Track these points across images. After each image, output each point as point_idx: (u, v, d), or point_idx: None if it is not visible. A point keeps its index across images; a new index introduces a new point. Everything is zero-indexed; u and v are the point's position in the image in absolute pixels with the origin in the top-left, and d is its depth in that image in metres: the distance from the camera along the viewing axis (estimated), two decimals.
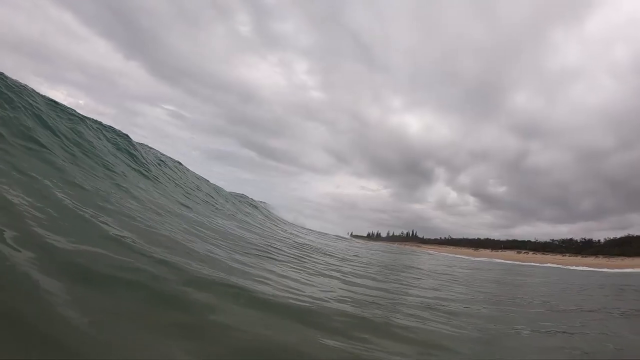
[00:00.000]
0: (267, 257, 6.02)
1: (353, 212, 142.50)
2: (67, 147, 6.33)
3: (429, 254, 31.87)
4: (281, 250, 7.79)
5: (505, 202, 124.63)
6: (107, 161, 7.28)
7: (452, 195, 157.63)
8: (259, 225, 13.47)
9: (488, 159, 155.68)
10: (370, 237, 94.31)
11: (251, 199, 23.04)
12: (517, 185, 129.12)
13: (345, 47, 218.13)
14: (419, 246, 76.70)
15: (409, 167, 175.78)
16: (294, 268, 5.55)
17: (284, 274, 4.72)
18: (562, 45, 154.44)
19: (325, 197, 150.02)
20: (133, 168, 8.72)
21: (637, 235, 54.58)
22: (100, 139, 8.37)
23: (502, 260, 40.97)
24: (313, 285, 4.40)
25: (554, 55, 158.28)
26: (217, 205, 12.71)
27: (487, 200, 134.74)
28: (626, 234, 55.91)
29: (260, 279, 3.85)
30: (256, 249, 6.50)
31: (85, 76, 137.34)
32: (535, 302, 5.99)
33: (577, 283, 12.17)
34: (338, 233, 30.54)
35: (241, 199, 20.93)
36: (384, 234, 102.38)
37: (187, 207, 8.62)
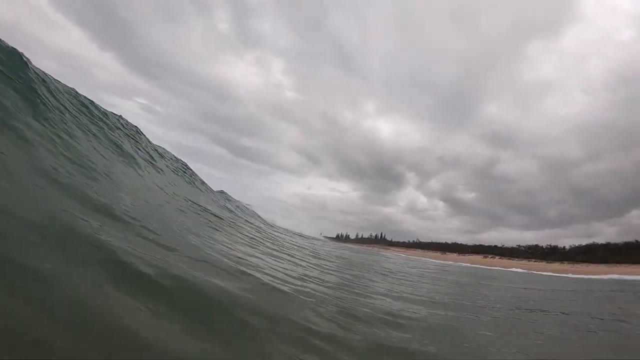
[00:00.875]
0: None
1: (322, 213, 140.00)
2: None
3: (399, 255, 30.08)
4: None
5: (474, 208, 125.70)
6: None
7: (422, 200, 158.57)
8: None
9: (459, 165, 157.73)
10: (339, 238, 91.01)
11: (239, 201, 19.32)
12: (486, 192, 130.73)
13: (323, 50, 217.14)
14: (387, 249, 74.41)
15: (380, 171, 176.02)
16: None
17: None
18: (537, 59, 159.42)
19: (295, 197, 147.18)
20: None
21: (601, 244, 54.22)
22: None
23: (469, 264, 39.41)
24: None
25: (528, 68, 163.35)
26: None
27: (456, 206, 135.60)
28: (591, 242, 55.39)
29: None
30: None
31: (58, 64, 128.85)
32: None
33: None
34: (310, 233, 27.31)
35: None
36: (352, 236, 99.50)
37: None
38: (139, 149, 8.80)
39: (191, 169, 14.71)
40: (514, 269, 36.79)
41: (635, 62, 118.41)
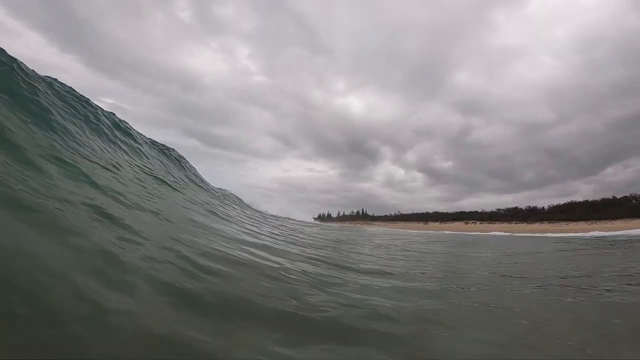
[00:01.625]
0: None
1: (302, 195, 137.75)
2: None
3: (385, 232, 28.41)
4: None
5: (451, 176, 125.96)
6: None
7: (400, 173, 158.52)
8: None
9: (433, 136, 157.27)
10: (321, 218, 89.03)
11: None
12: (462, 159, 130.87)
13: (288, 30, 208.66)
14: (369, 224, 73.10)
15: (355, 147, 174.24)
16: None
17: None
18: (503, 26, 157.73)
19: (274, 182, 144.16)
20: None
21: (579, 202, 54.00)
22: None
23: (450, 232, 38.07)
24: None
25: (495, 35, 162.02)
26: None
27: (434, 176, 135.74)
28: (569, 200, 55.04)
29: None
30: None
31: None
32: None
33: None
34: (299, 217, 24.07)
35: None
36: (334, 214, 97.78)
37: None
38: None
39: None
40: (493, 233, 35.64)
41: (599, 25, 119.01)
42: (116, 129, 7.05)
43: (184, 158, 11.44)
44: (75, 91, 6.54)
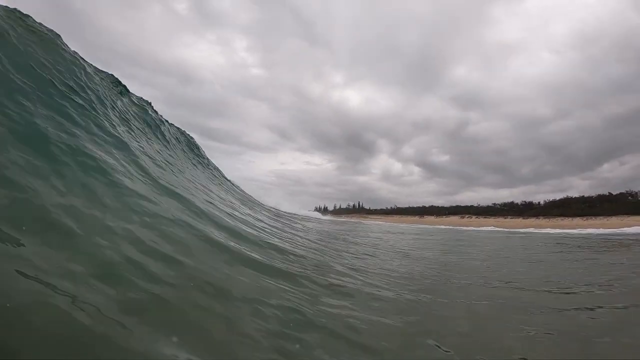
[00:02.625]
0: None
1: (299, 188, 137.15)
2: None
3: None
4: None
5: (449, 170, 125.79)
6: None
7: (397, 166, 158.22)
8: None
9: (430, 129, 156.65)
10: (317, 211, 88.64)
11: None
12: (459, 153, 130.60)
13: (285, 23, 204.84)
14: (365, 217, 72.84)
15: (352, 141, 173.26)
16: None
17: None
18: (502, 20, 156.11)
19: (271, 174, 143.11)
20: None
21: (575, 197, 53.94)
22: None
23: (444, 226, 37.88)
24: None
25: (494, 30, 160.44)
26: None
27: (431, 169, 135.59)
28: (565, 196, 54.99)
29: None
30: None
31: None
32: None
33: None
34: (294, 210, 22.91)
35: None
36: (330, 208, 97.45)
37: None
38: None
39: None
40: (484, 228, 35.37)
41: (598, 22, 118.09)
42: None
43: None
44: None
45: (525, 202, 58.15)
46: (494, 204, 61.41)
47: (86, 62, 6.01)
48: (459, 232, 21.73)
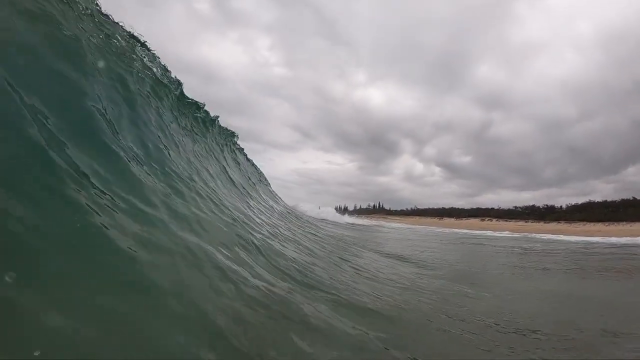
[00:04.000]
0: None
1: (320, 187, 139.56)
2: None
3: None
4: None
5: (470, 171, 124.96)
6: None
7: (418, 167, 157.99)
8: None
9: (452, 130, 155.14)
10: (337, 211, 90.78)
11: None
12: (482, 154, 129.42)
13: (307, 22, 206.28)
14: (385, 217, 74.54)
15: (375, 140, 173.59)
16: None
17: None
18: (526, 19, 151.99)
19: (292, 173, 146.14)
20: None
21: (598, 202, 53.77)
22: None
23: (466, 230, 38.14)
24: None
25: (517, 28, 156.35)
26: None
27: (453, 170, 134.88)
28: (587, 200, 54.90)
29: None
30: None
31: None
32: None
33: None
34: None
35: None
36: (351, 208, 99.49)
37: None
38: None
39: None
40: (497, 234, 34.21)
41: (624, 21, 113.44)
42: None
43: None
44: None
45: (547, 205, 58.41)
46: (515, 207, 61.85)
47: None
48: (469, 238, 20.29)
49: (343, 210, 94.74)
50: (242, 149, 12.27)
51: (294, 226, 8.27)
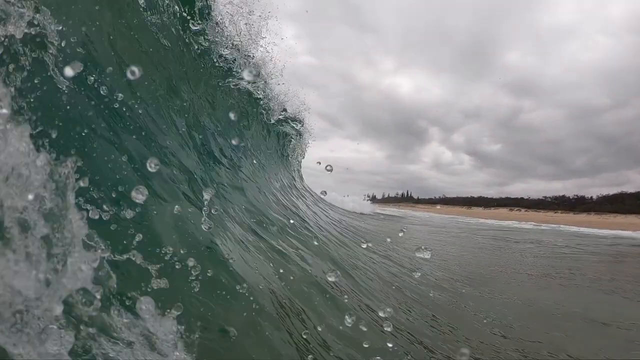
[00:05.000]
0: None
1: (348, 176, 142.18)
2: None
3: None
4: None
5: (500, 160, 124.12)
6: None
7: (447, 155, 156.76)
8: None
9: (482, 117, 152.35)
10: (368, 199, 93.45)
11: None
12: (512, 142, 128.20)
13: (333, 9, 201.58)
14: (413, 207, 76.98)
15: (403, 128, 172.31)
16: None
17: None
18: (556, 3, 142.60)
19: (320, 162, 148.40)
20: None
21: (630, 193, 53.24)
22: None
23: (493, 220, 34.27)
24: None
25: (547, 13, 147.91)
26: None
27: (482, 159, 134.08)
28: (620, 191, 54.69)
29: None
30: None
31: None
32: None
33: None
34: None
35: None
36: (379, 196, 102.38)
37: None
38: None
39: None
40: (524, 226, 26.74)
41: None
42: None
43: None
44: None
45: (577, 196, 58.93)
46: (545, 197, 62.69)
47: None
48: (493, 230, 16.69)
49: (371, 199, 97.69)
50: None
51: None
